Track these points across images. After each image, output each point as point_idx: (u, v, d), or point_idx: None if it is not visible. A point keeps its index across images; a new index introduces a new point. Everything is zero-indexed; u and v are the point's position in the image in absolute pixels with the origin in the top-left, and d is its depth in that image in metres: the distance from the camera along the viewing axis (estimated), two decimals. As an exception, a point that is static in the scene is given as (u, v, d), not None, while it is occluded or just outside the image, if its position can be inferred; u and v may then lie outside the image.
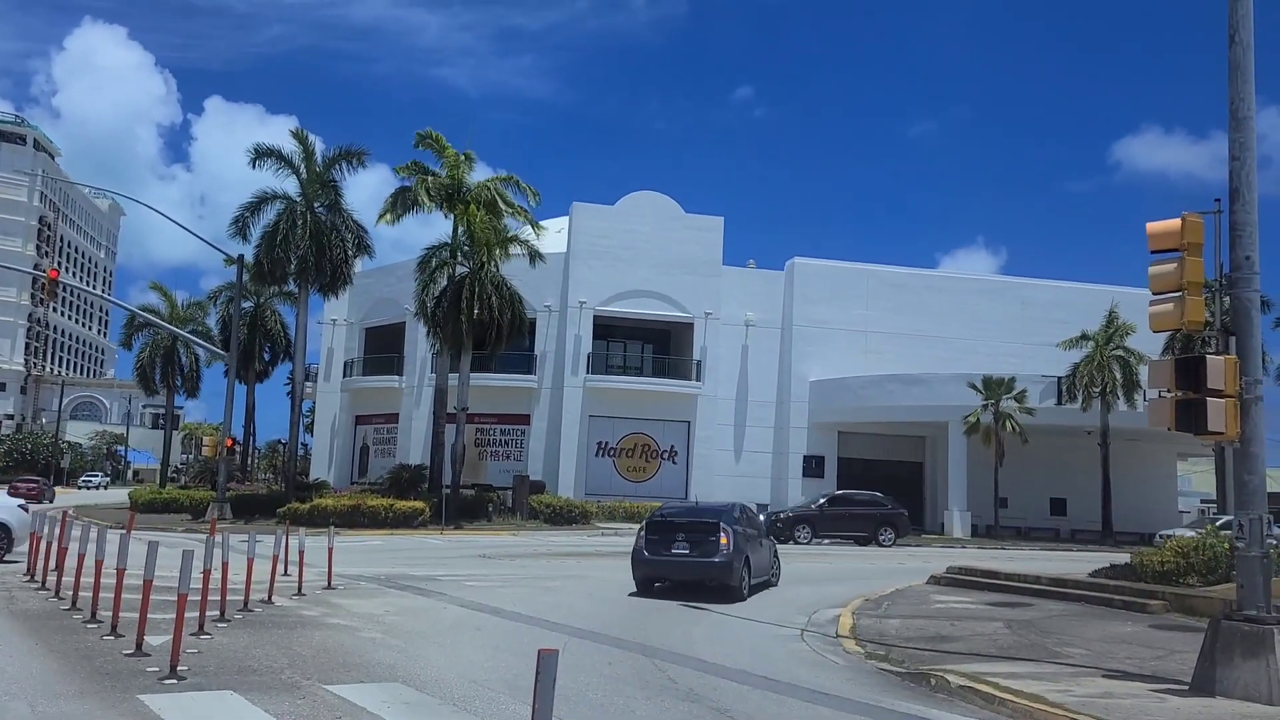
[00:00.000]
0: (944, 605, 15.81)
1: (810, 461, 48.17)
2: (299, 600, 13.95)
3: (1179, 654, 10.91)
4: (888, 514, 33.71)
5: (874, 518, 33.40)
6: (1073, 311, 45.76)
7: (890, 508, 34.24)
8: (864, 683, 9.70)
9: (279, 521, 28.72)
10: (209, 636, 10.39)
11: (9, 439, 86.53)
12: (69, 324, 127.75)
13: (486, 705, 7.95)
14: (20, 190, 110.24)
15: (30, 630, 10.59)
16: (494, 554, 24.48)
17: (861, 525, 33.47)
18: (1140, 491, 45.71)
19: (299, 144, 36.62)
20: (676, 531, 15.74)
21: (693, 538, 15.57)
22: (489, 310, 35.66)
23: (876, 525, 32.94)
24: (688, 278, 47.25)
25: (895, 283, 50.18)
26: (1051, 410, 42.40)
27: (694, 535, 15.58)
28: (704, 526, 15.62)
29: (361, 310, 52.73)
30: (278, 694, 7.98)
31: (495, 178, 38.40)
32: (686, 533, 15.65)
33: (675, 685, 9.07)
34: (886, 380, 45.59)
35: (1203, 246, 9.62)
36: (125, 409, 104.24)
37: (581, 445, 46.10)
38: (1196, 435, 9.48)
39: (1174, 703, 8.66)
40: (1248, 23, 9.64)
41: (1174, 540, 17.01)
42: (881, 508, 34.15)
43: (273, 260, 35.33)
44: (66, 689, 7.90)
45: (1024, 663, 10.59)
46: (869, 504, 34.52)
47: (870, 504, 34.51)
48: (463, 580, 17.73)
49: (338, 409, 54.00)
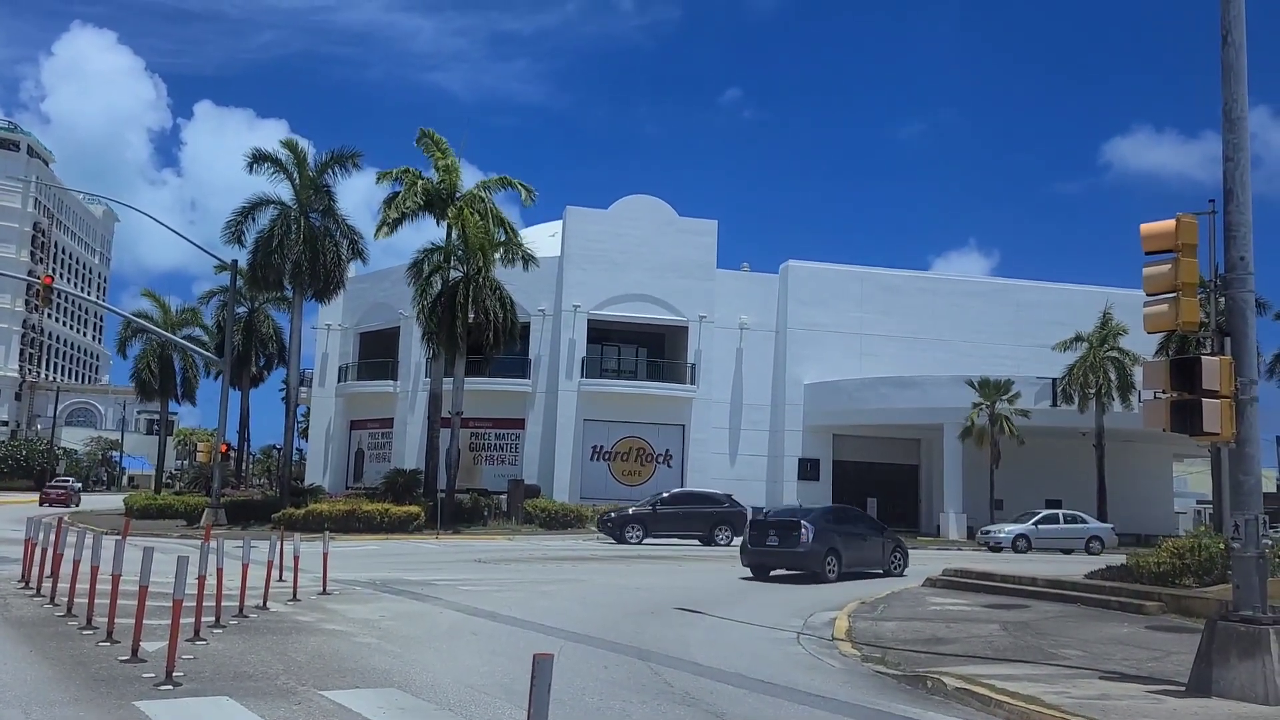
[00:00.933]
0: (940, 607, 15.81)
1: (805, 464, 48.19)
2: (294, 606, 13.91)
3: (1175, 655, 10.92)
4: (725, 512, 31.75)
5: (710, 516, 31.44)
6: (1067, 313, 45.86)
7: (728, 506, 32.29)
8: (860, 685, 9.70)
9: (274, 527, 28.62)
10: (205, 642, 10.35)
11: (4, 445, 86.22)
12: (64, 330, 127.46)
13: (482, 710, 7.93)
14: (14, 197, 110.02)
15: (25, 637, 10.55)
16: (489, 559, 24.44)
17: (697, 525, 31.52)
18: (1136, 493, 45.78)
19: (290, 152, 36.51)
20: (769, 529, 20.05)
21: (780, 533, 19.68)
22: (484, 314, 35.63)
23: (713, 524, 31.02)
24: (682, 281, 47.28)
25: (889, 285, 50.26)
26: (1046, 412, 42.48)
27: (781, 531, 19.71)
28: (789, 524, 19.77)
29: (356, 315, 52.67)
30: (273, 700, 7.95)
31: (488, 180, 38.40)
32: (776, 529, 19.86)
33: (671, 689, 9.05)
34: (881, 383, 45.64)
35: (1197, 247, 9.65)
36: (120, 415, 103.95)
37: (576, 449, 46.06)
38: (1192, 436, 9.50)
39: (1170, 704, 8.66)
40: (1240, 24, 9.68)
41: (1170, 541, 17.04)
42: (719, 506, 32.31)
43: (267, 265, 35.26)
44: (62, 696, 7.86)
45: (1020, 664, 10.60)
46: (706, 502, 32.67)
47: (708, 502, 32.68)
48: (458, 585, 17.70)
49: (332, 414, 53.91)
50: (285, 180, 36.44)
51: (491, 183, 38.33)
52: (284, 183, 36.49)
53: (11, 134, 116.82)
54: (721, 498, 33.23)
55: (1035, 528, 34.94)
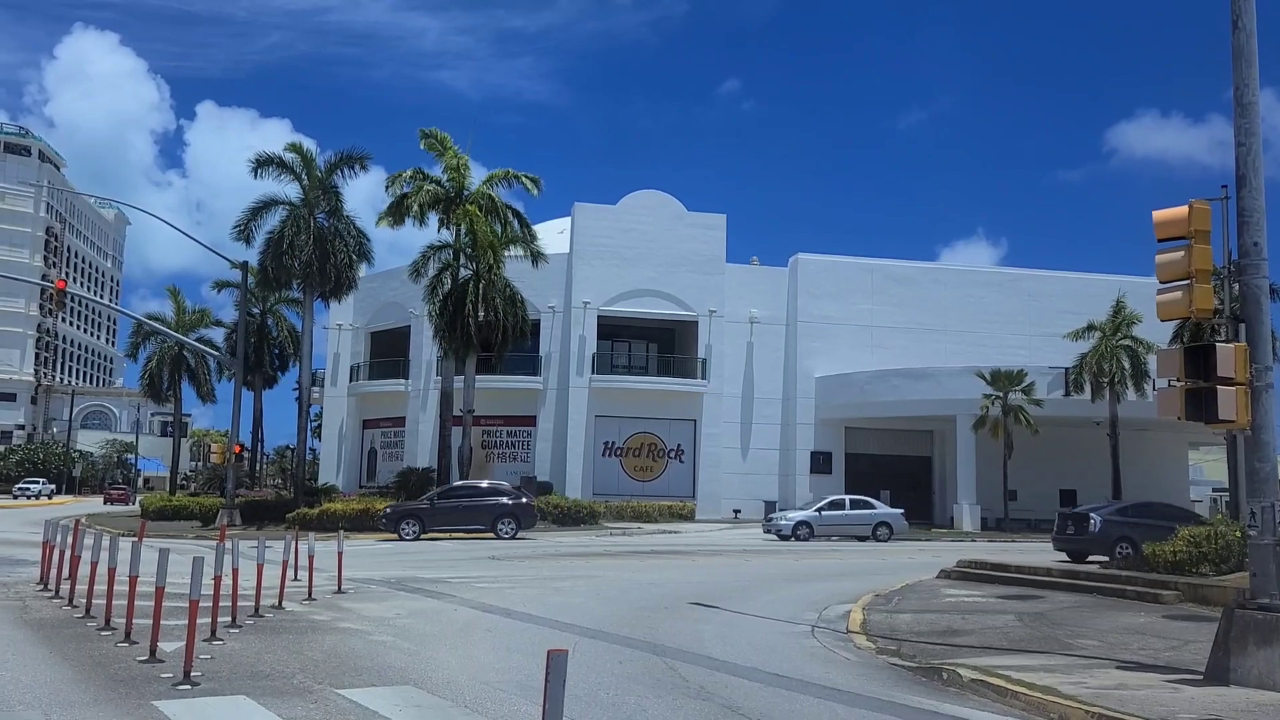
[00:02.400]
0: (955, 599, 15.78)
1: (817, 458, 48.12)
2: (309, 605, 13.97)
3: (1193, 644, 10.87)
4: (508, 505, 30.66)
5: (494, 509, 30.44)
6: (1079, 302, 45.66)
7: (512, 498, 31.22)
8: (876, 678, 9.68)
9: (288, 527, 28.75)
10: (221, 642, 10.40)
11: (21, 449, 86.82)
12: (77, 334, 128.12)
13: (498, 707, 7.94)
14: (27, 202, 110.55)
15: (44, 639, 10.62)
16: (503, 556, 24.48)
17: (478, 518, 30.58)
18: (1151, 481, 45.44)
19: (297, 155, 36.56)
20: (1067, 520, 23.13)
21: (1075, 524, 22.69)
22: (493, 312, 35.66)
23: (496, 517, 30.04)
24: (691, 276, 47.24)
25: (900, 277, 50.11)
26: (1060, 402, 42.29)
27: (1076, 523, 22.72)
28: (1081, 516, 22.84)
29: (366, 315, 52.81)
30: (290, 698, 7.99)
31: (493, 175, 38.38)
32: (1072, 520, 22.90)
33: (686, 683, 9.06)
34: (893, 375, 45.52)
35: (1210, 234, 9.59)
36: (134, 417, 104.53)
37: (588, 446, 46.10)
38: (1207, 424, 9.44)
39: (1188, 692, 8.62)
40: (1250, 8, 9.60)
41: (1186, 530, 16.97)
42: (501, 497, 31.18)
43: (278, 266, 35.34)
44: (82, 697, 7.91)
45: (1036, 655, 10.56)
46: (488, 494, 31.58)
47: (490, 494, 31.58)
48: (472, 582, 17.73)
49: (345, 413, 54.10)
50: (294, 181, 36.51)
51: (496, 177, 38.34)
52: (292, 184, 36.58)
53: (23, 139, 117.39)
54: (506, 490, 32.14)
55: (819, 514, 33.79)
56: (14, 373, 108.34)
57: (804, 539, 32.77)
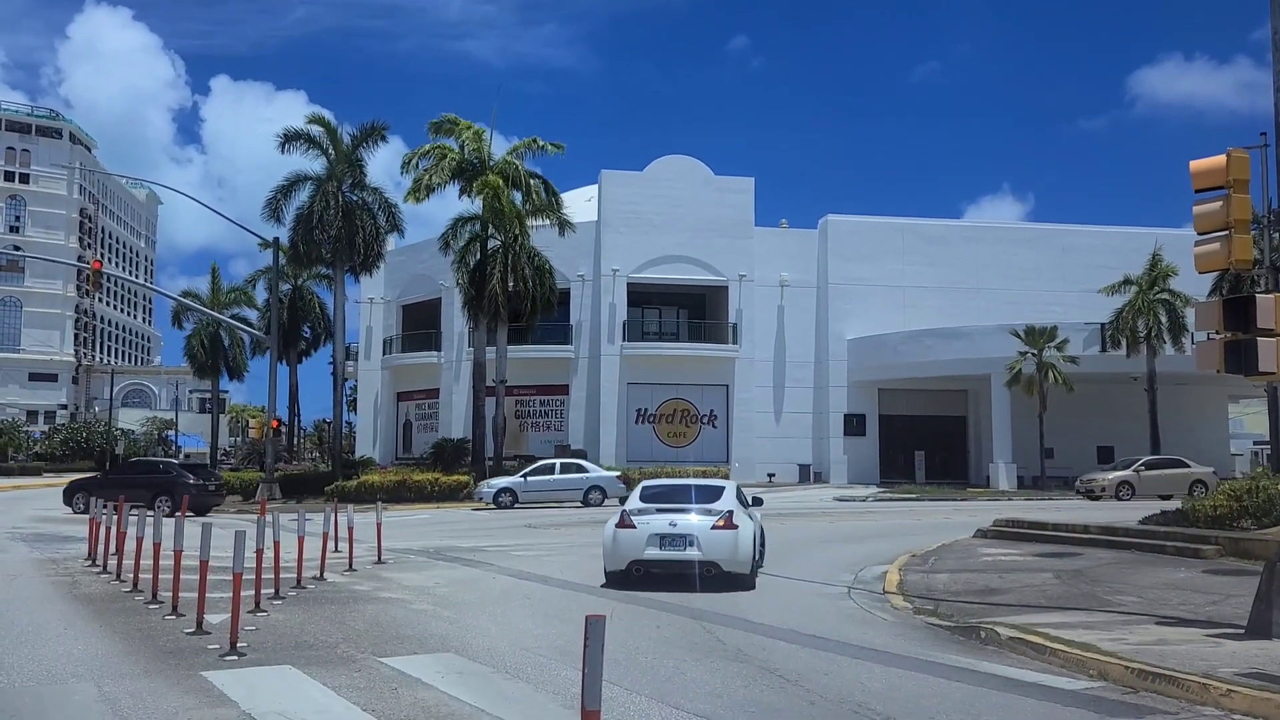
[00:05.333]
0: (992, 558, 15.73)
1: (851, 420, 47.99)
2: (350, 575, 14.19)
3: (1234, 598, 10.77)
4: (167, 481, 30.60)
5: (152, 484, 30.35)
6: (1114, 256, 44.92)
7: (174, 474, 31.22)
8: (913, 638, 9.70)
9: (327, 499, 29.09)
10: (265, 614, 10.61)
11: (65, 428, 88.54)
12: (114, 314, 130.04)
13: (538, 672, 8.05)
14: (60, 184, 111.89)
15: (94, 613, 10.89)
16: (539, 524, 24.71)
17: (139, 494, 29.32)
18: (1191, 436, 44.96)
19: (322, 128, 36.62)
20: None
21: None
22: (522, 282, 35.72)
23: (154, 494, 29.47)
24: (720, 240, 47.00)
25: (931, 236, 49.57)
26: (1096, 358, 41.78)
27: None
28: None
29: (397, 288, 53.11)
30: (334, 667, 8.14)
31: (517, 145, 38.34)
32: None
33: (724, 646, 9.12)
34: (925, 335, 45.16)
35: (1249, 182, 9.38)
36: (173, 395, 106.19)
37: (621, 413, 46.25)
38: (1247, 376, 9.30)
39: (1230, 646, 8.56)
40: (1290, -52, 9.31)
41: (1227, 484, 16.77)
42: (164, 474, 31.32)
43: (309, 241, 35.55)
44: (132, 668, 8.12)
45: (1074, 612, 10.52)
46: (151, 471, 32.33)
47: (153, 471, 32.28)
48: (510, 550, 17.93)
49: (379, 386, 54.62)
50: (320, 156, 36.57)
51: (520, 147, 38.25)
52: (319, 159, 36.66)
53: (54, 121, 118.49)
54: (169, 468, 32.85)
55: (524, 480, 32.33)
56: (55, 354, 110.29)
57: (506, 506, 31.46)
